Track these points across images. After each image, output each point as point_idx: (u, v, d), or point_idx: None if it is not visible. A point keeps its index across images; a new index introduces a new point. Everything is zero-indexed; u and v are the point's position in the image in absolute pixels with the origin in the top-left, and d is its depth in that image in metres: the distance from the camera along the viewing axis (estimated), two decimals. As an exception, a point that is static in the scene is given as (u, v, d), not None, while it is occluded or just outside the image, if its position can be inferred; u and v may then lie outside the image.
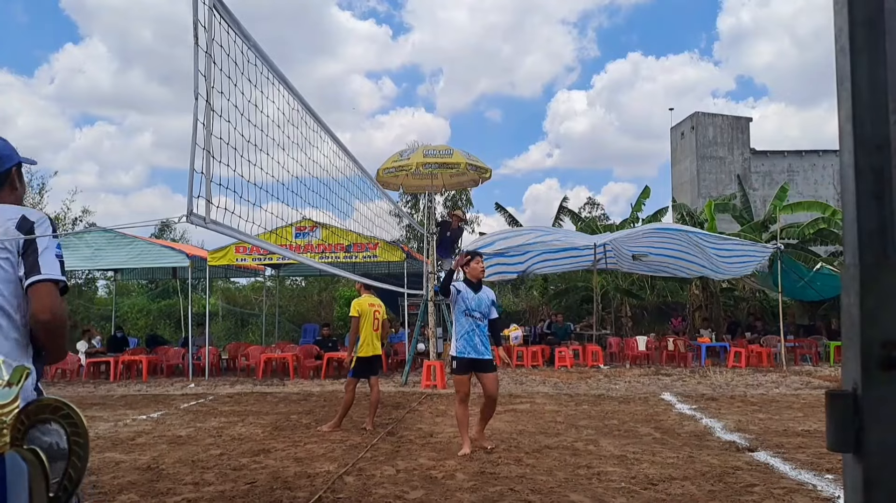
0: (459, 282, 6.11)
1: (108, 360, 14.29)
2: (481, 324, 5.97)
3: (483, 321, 5.99)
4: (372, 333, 7.27)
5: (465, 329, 5.92)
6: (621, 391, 10.42)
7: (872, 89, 0.91)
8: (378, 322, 7.38)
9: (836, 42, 0.95)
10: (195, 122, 3.28)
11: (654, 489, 4.58)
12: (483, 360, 5.89)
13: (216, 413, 8.70)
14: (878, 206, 0.90)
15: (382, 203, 11.01)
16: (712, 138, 36.89)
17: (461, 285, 6.05)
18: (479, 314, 5.95)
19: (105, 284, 26.43)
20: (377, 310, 7.41)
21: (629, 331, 19.31)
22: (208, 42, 3.43)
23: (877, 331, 0.89)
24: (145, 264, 14.96)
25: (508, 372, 13.45)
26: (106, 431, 7.37)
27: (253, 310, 24.39)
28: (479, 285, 6.09)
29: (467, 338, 5.90)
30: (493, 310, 6.14)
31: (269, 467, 5.44)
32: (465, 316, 5.93)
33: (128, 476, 5.21)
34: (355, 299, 7.59)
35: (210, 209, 3.37)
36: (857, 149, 0.91)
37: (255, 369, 13.74)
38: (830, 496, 4.38)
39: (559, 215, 22.64)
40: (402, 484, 4.80)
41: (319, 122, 5.52)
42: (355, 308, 7.35)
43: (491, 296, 6.15)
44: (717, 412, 8.11)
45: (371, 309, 7.34)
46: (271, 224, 4.73)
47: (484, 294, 6.05)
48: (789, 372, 13.14)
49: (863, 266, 0.91)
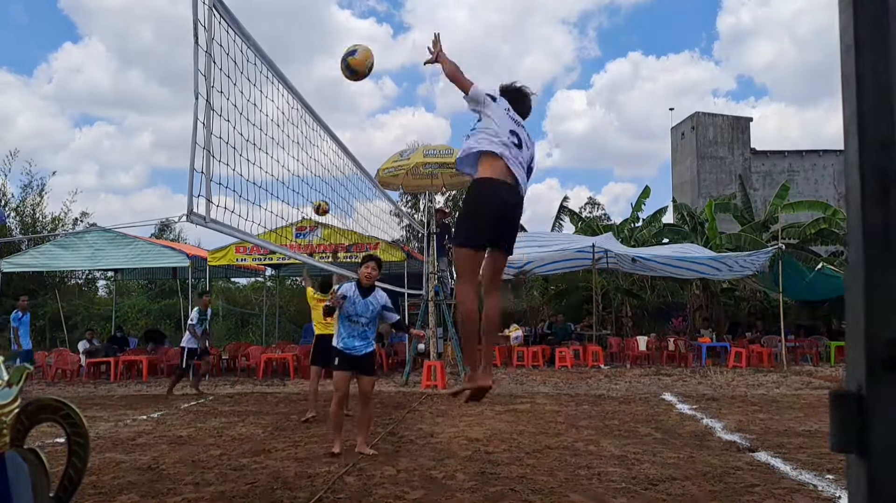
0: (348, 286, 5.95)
1: (108, 360, 14.30)
2: (367, 329, 5.90)
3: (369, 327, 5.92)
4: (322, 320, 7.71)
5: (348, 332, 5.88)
6: (622, 391, 10.41)
7: (878, 88, 0.91)
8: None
9: (842, 40, 0.95)
10: (195, 121, 3.28)
11: (655, 489, 4.57)
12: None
13: (216, 413, 8.70)
14: (883, 206, 0.90)
15: (382, 203, 11.01)
16: (712, 138, 36.88)
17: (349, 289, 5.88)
18: (364, 320, 5.86)
19: (105, 284, 26.45)
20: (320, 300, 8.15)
21: (630, 332, 19.31)
22: (208, 42, 3.42)
23: (881, 331, 0.89)
24: (145, 264, 14.98)
25: (509, 372, 13.46)
26: (106, 431, 7.36)
27: (253, 310, 24.39)
28: (370, 290, 5.93)
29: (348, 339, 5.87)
30: (391, 315, 6.05)
31: (269, 467, 5.43)
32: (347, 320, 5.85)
33: (128, 476, 5.20)
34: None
35: (210, 208, 3.37)
36: (862, 148, 0.91)
37: (256, 369, 13.74)
38: (831, 496, 4.38)
39: (559, 215, 22.64)
40: (403, 484, 4.80)
41: (319, 122, 5.52)
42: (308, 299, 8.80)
43: (383, 301, 6.00)
44: (717, 412, 8.10)
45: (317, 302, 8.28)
46: (271, 223, 4.73)
47: (377, 299, 5.93)
48: (790, 372, 13.14)
49: (867, 265, 0.90)
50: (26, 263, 15.22)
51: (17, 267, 15.21)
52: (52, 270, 19.20)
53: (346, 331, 5.87)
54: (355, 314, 5.83)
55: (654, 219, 21.78)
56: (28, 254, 15.54)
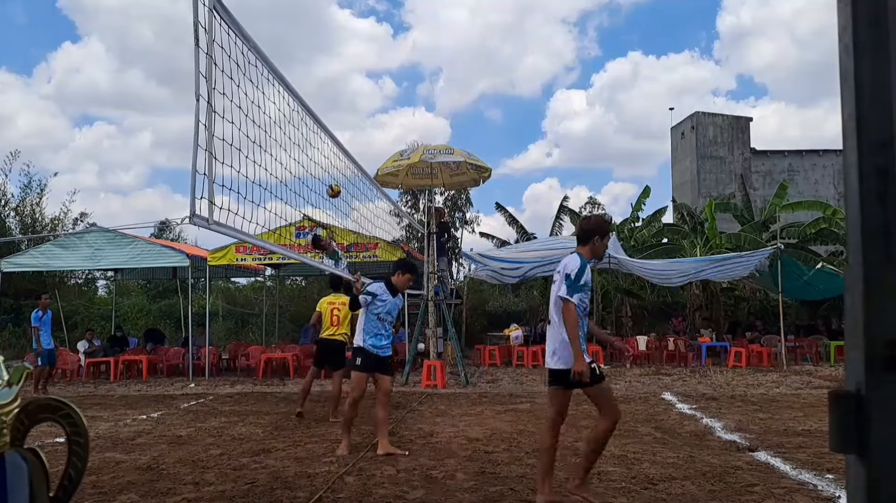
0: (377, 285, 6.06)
1: (108, 360, 14.29)
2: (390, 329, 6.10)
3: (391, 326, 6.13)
4: (331, 327, 8.09)
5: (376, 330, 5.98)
6: (622, 391, 10.42)
7: (876, 87, 0.91)
8: (337, 318, 8.14)
9: (840, 40, 0.95)
10: (196, 123, 3.28)
11: (655, 489, 4.58)
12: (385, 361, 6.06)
13: (216, 413, 8.70)
14: (882, 206, 0.90)
15: (382, 203, 11.00)
16: (712, 138, 36.86)
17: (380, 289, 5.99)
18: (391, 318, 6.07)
19: (105, 284, 26.45)
20: (335, 308, 8.13)
21: (629, 331, 19.32)
22: (208, 43, 3.42)
23: (881, 331, 0.89)
24: (145, 264, 14.96)
25: (509, 371, 13.46)
26: (106, 431, 7.36)
27: (253, 310, 24.39)
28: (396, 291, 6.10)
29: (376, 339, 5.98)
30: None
31: (269, 467, 5.43)
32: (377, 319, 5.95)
33: (128, 476, 5.20)
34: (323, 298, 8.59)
35: (213, 210, 3.37)
36: (861, 148, 0.91)
37: (256, 369, 13.74)
38: (831, 496, 4.38)
39: (559, 215, 22.64)
40: (403, 484, 4.80)
41: (318, 123, 5.52)
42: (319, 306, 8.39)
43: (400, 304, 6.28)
44: (717, 412, 8.11)
45: (330, 307, 8.15)
46: (272, 224, 4.73)
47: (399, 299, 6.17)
48: (790, 371, 13.14)
49: (866, 266, 0.91)
50: (26, 263, 15.21)
51: (17, 267, 15.20)
52: (51, 270, 19.19)
53: (375, 330, 5.94)
54: (385, 312, 5.96)
55: (654, 218, 21.79)
56: (28, 254, 15.52)
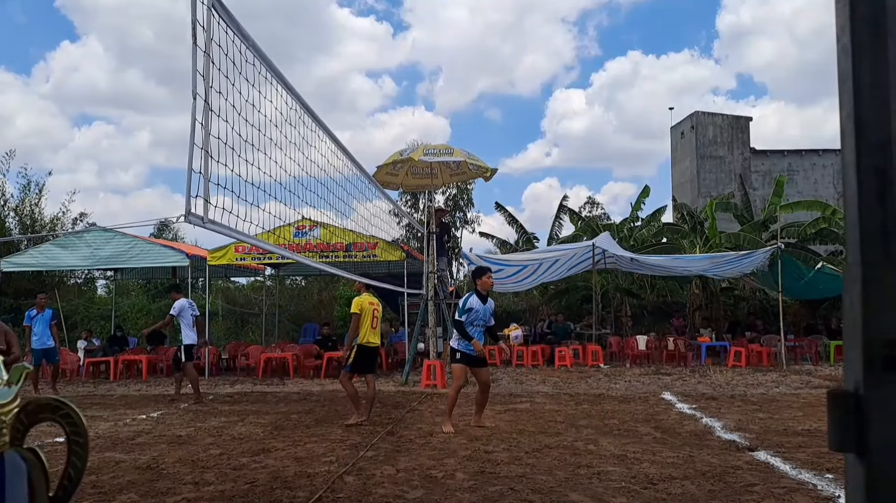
0: (473, 299, 6.84)
1: (107, 360, 14.29)
2: (483, 330, 6.96)
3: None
4: (371, 330, 7.59)
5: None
6: (621, 390, 10.42)
7: (874, 88, 0.91)
8: (377, 320, 7.72)
9: (838, 40, 0.95)
10: (193, 121, 3.28)
11: (654, 488, 4.58)
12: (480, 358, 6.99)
13: (216, 412, 8.70)
14: (881, 206, 0.90)
15: (382, 203, 11.01)
16: (712, 137, 36.84)
17: (475, 302, 6.81)
18: (483, 322, 6.89)
19: (105, 284, 26.44)
20: (376, 309, 7.74)
21: (629, 331, 19.32)
22: (207, 42, 3.42)
23: (879, 331, 0.89)
24: (145, 264, 14.96)
25: (509, 371, 13.47)
26: (106, 431, 7.36)
27: (253, 310, 24.39)
28: (486, 297, 6.96)
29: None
30: (492, 319, 7.08)
31: (269, 467, 5.43)
32: (473, 326, 6.82)
33: (128, 475, 5.20)
34: (356, 297, 7.85)
35: (208, 209, 3.37)
36: (860, 148, 0.91)
37: (255, 369, 13.74)
38: (830, 495, 4.38)
39: (559, 214, 22.64)
40: (402, 483, 4.80)
41: (318, 122, 5.52)
42: (356, 305, 7.63)
43: (492, 306, 7.05)
44: (717, 411, 8.11)
45: (371, 307, 7.65)
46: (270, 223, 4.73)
47: (490, 305, 6.98)
48: (789, 371, 13.15)
49: (865, 266, 0.90)
50: (26, 263, 15.21)
51: (17, 266, 15.20)
52: (51, 270, 19.20)
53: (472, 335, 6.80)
54: (477, 320, 6.82)
55: (654, 218, 21.79)
56: (27, 254, 15.52)
